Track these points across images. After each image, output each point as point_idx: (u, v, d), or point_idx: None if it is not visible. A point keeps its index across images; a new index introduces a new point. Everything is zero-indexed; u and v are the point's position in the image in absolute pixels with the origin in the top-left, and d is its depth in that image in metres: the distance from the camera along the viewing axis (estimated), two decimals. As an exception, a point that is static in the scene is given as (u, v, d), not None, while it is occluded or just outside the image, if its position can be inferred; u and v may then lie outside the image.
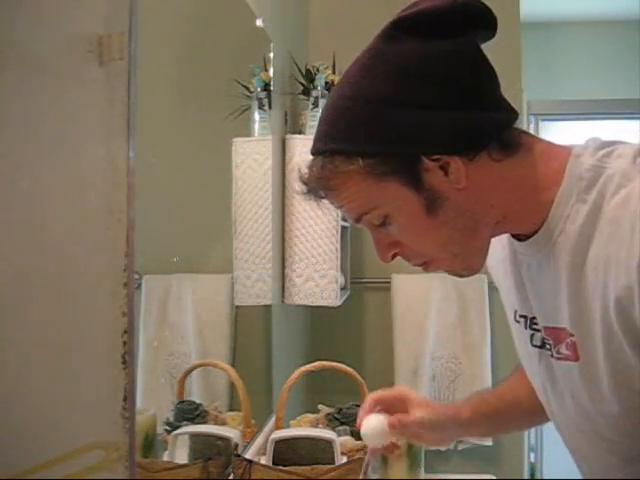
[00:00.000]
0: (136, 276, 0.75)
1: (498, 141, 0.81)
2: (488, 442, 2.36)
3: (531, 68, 2.88)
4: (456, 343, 2.45)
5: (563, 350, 0.85)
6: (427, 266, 0.87)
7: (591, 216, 0.77)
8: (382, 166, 0.78)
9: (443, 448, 2.45)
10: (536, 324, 0.90)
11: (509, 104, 0.84)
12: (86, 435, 0.69)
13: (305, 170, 0.85)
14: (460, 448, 2.45)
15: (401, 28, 0.80)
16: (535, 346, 0.92)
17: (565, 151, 0.82)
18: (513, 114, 0.83)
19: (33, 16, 0.65)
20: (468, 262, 0.86)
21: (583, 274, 0.78)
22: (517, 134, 0.83)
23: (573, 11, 3.38)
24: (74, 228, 0.70)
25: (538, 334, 0.90)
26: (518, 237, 0.88)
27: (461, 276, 0.88)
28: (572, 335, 0.83)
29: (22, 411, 0.62)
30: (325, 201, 0.86)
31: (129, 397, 0.71)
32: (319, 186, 0.83)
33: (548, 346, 0.88)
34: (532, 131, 3.42)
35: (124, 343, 0.72)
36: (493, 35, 0.83)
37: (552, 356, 0.87)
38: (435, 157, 0.78)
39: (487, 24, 0.82)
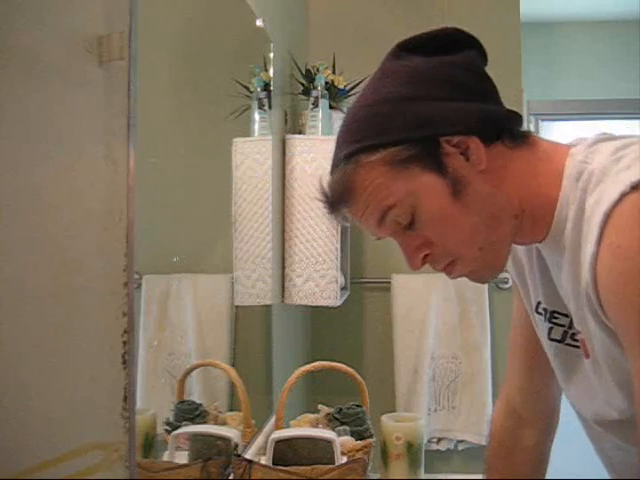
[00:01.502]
0: (136, 276, 0.75)
1: (510, 132, 0.84)
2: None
3: (531, 68, 2.88)
4: (456, 343, 2.45)
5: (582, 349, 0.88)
6: (453, 266, 0.86)
7: (577, 216, 0.79)
8: (404, 153, 0.80)
9: (443, 448, 2.46)
10: (556, 318, 0.92)
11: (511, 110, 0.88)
12: (86, 435, 0.69)
13: (325, 186, 0.86)
14: (460, 448, 2.46)
15: (406, 48, 0.85)
16: (553, 340, 0.94)
17: (565, 149, 0.85)
18: (518, 115, 0.86)
19: (33, 16, 0.65)
20: (492, 258, 0.86)
21: (579, 275, 0.79)
22: (525, 133, 0.86)
23: (573, 11, 3.38)
24: (74, 228, 0.70)
25: (560, 328, 0.92)
26: None
27: (484, 280, 0.90)
28: (579, 332, 0.86)
29: (22, 411, 0.62)
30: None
31: (129, 397, 0.71)
32: (343, 190, 0.83)
33: (574, 342, 0.90)
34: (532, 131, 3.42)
35: (124, 343, 0.72)
36: (485, 63, 0.88)
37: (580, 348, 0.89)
38: (455, 142, 0.81)
39: (478, 49, 0.87)
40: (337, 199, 0.85)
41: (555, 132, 3.54)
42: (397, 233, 0.85)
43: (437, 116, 0.81)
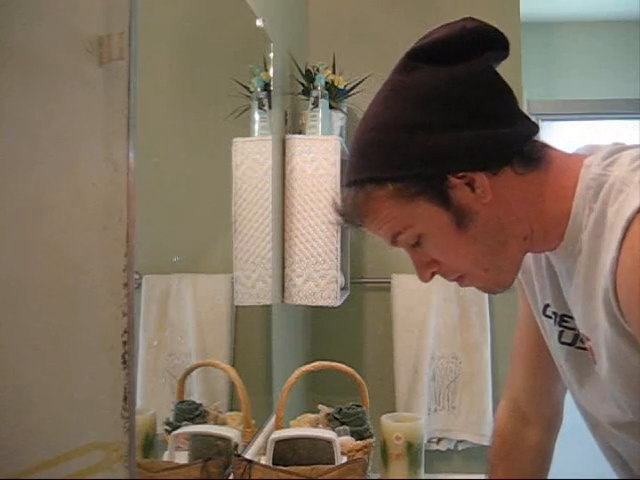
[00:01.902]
0: (136, 276, 0.75)
1: (521, 155, 0.83)
2: (488, 442, 2.36)
3: (531, 68, 2.87)
4: (456, 343, 2.45)
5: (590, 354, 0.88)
6: (462, 280, 0.89)
7: (598, 225, 0.79)
8: (411, 188, 0.82)
9: (443, 448, 2.46)
10: (566, 322, 0.92)
11: (528, 117, 0.86)
12: (86, 435, 0.69)
13: (339, 202, 0.88)
14: (460, 448, 2.46)
15: (416, 58, 0.84)
16: (564, 343, 0.94)
17: (579, 161, 0.84)
18: (534, 127, 0.85)
19: (33, 16, 0.65)
20: (498, 277, 0.88)
21: (595, 281, 0.80)
22: (538, 146, 0.85)
23: (573, 11, 3.38)
24: (74, 228, 0.70)
25: (570, 332, 0.92)
26: None
27: (494, 292, 0.92)
28: (588, 339, 0.86)
29: (22, 411, 0.62)
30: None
31: (129, 397, 0.71)
32: (355, 214, 0.87)
33: (583, 345, 0.90)
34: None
35: (124, 343, 0.72)
36: (506, 55, 0.87)
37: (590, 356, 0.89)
38: (460, 174, 0.81)
39: (498, 45, 0.86)
40: (350, 219, 0.88)
41: (555, 132, 3.54)
42: (408, 249, 0.88)
43: (443, 152, 0.80)
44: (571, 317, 0.91)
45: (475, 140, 0.81)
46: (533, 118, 0.85)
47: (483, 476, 1.14)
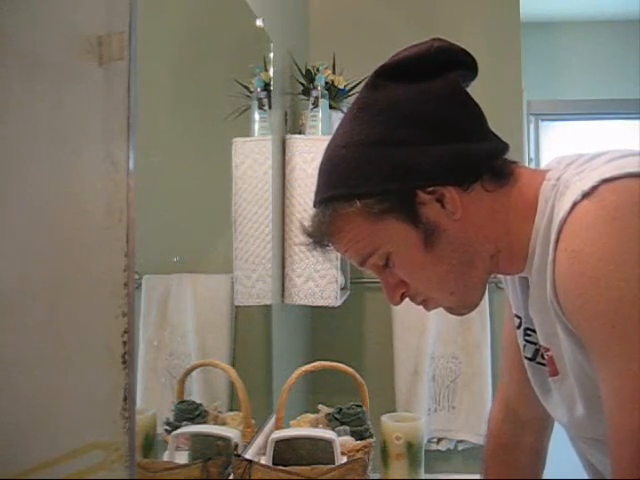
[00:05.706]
0: (136, 276, 0.75)
1: (491, 171, 0.82)
2: (488, 442, 2.36)
3: (531, 68, 2.88)
4: (456, 343, 2.45)
5: (548, 366, 0.88)
6: (426, 304, 0.89)
7: (546, 231, 0.79)
8: (379, 205, 0.80)
9: (443, 448, 2.46)
10: (529, 335, 0.92)
11: (498, 137, 0.86)
12: (86, 435, 0.69)
13: (307, 223, 0.87)
14: (460, 448, 2.46)
15: (384, 76, 0.83)
16: (526, 358, 0.94)
17: (543, 176, 0.83)
18: (503, 144, 0.85)
19: (32, 16, 0.65)
20: (464, 300, 0.88)
21: (545, 289, 0.79)
22: (508, 164, 0.84)
23: (573, 11, 3.38)
24: (74, 228, 0.70)
25: (532, 346, 0.92)
26: None
27: (461, 314, 0.90)
28: (548, 350, 0.86)
29: (22, 411, 0.62)
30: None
31: (129, 397, 0.71)
32: (322, 233, 0.85)
33: (543, 360, 0.90)
34: (532, 131, 3.42)
35: (124, 343, 0.72)
36: (474, 76, 0.86)
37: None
38: (430, 189, 0.80)
39: (466, 65, 0.85)
40: (318, 239, 0.87)
41: (555, 132, 3.54)
42: (377, 271, 0.87)
43: (413, 166, 0.79)
44: (534, 330, 0.90)
45: (446, 154, 0.80)
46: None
47: (482, 476, 1.14)
